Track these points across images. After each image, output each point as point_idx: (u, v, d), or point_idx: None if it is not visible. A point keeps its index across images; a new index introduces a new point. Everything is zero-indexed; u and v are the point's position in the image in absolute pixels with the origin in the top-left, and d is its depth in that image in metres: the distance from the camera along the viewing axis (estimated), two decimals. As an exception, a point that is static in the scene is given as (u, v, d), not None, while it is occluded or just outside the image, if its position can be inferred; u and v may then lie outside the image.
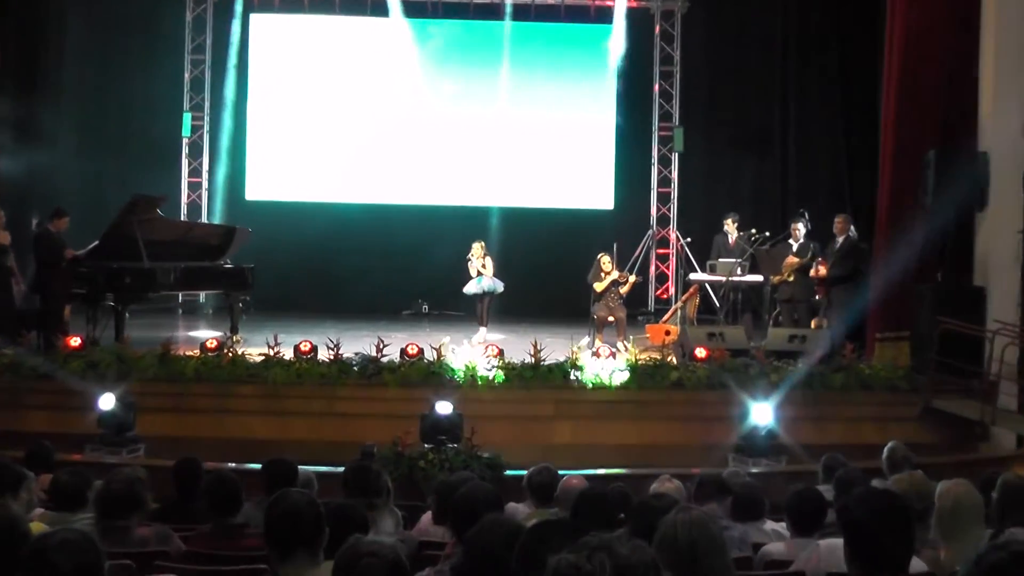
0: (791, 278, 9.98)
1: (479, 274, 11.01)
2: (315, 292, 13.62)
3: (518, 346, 8.80)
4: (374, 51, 14.03)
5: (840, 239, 9.71)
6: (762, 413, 7.32)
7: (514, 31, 13.95)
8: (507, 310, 12.15)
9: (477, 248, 11.13)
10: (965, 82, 8.92)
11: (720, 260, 10.73)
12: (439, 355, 8.18)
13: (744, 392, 7.72)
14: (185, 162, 14.36)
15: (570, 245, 13.40)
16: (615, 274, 10.53)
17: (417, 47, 13.84)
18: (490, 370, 7.86)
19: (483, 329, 10.90)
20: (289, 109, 14.19)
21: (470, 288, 11.04)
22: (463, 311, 12.22)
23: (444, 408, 6.90)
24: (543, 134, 14.11)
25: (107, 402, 7.16)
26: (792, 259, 10.00)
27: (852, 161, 12.82)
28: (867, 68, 11.69)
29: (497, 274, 11.24)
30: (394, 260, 13.53)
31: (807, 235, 10.15)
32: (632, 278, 10.69)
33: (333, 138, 14.13)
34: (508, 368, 8.08)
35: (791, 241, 10.16)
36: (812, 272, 9.74)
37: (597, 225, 13.48)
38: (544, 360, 8.16)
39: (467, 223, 12.73)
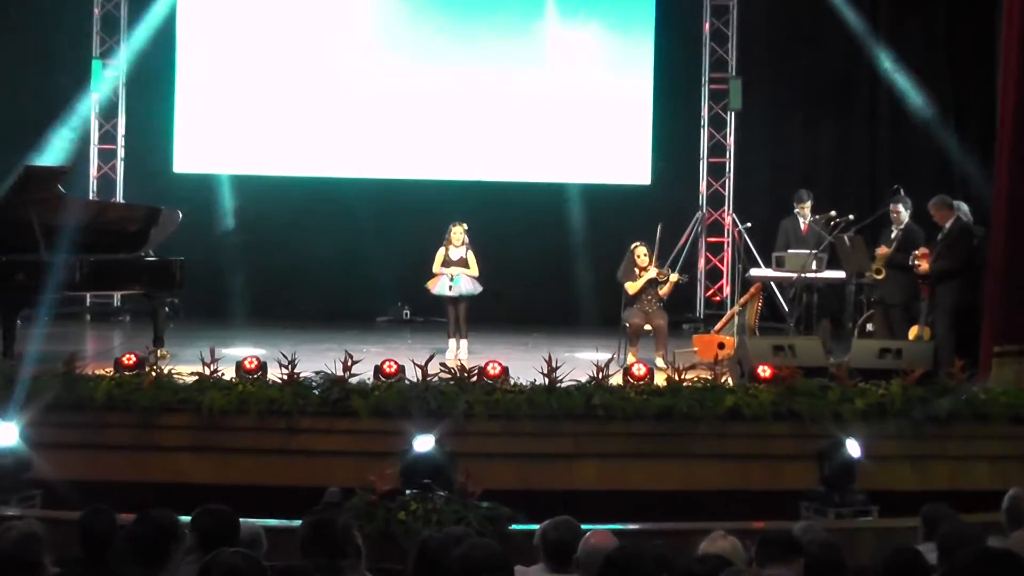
0: (882, 274, 9.99)
1: (454, 266, 10.84)
2: (264, 293, 13.70)
3: (527, 362, 8.80)
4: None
5: (947, 225, 9.71)
6: (844, 450, 7.31)
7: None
8: (512, 316, 12.22)
9: (458, 232, 10.94)
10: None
11: (790, 251, 10.77)
12: (424, 375, 8.12)
13: (821, 423, 7.72)
14: (95, 124, 14.43)
15: (594, 232, 13.55)
16: (653, 271, 10.54)
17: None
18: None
19: (458, 343, 10.89)
20: (232, 55, 14.26)
21: (442, 289, 10.90)
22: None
23: (425, 444, 6.89)
24: (555, 87, 14.21)
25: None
26: (885, 249, 10.02)
27: (961, 126, 12.84)
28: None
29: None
30: (367, 251, 13.62)
31: (913, 218, 10.14)
32: (675, 276, 10.73)
33: (288, 94, 14.23)
34: (515, 391, 8.11)
35: (892, 228, 10.15)
36: (914, 265, 9.69)
37: (629, 206, 13.56)
38: (561, 381, 8.17)
39: (459, 203, 12.78)
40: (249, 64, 14.21)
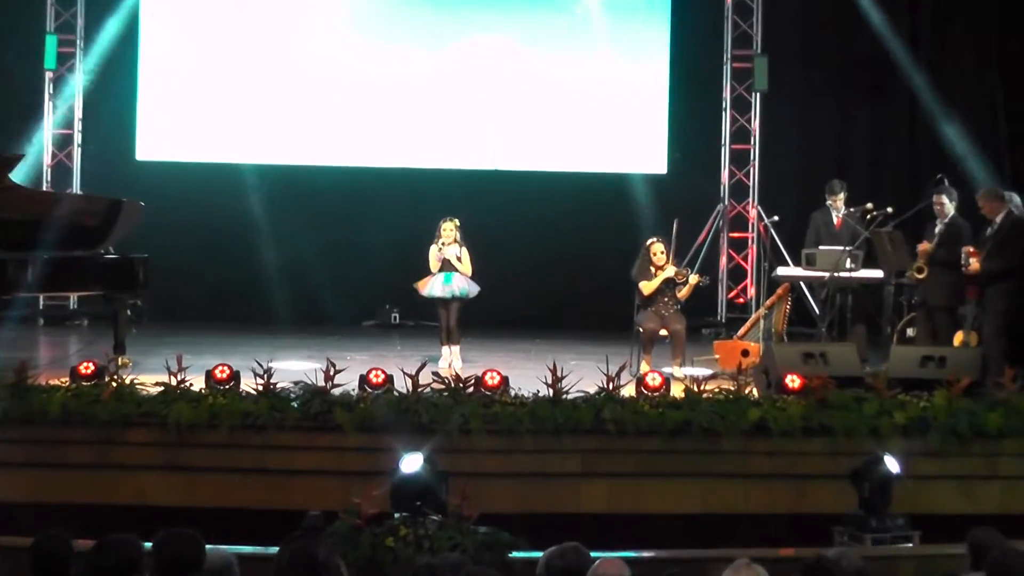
0: (924, 273, 9.98)
1: (444, 266, 10.80)
2: (236, 294, 13.73)
3: (530, 371, 8.77)
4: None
5: (998, 219, 9.70)
6: (882, 469, 7.27)
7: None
8: (513, 320, 12.19)
9: (449, 228, 10.88)
10: None
11: (821, 248, 10.74)
12: (415, 385, 8.11)
13: (856, 439, 7.71)
14: (48, 106, 14.43)
15: (604, 227, 13.59)
16: (670, 269, 10.53)
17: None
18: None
19: (450, 350, 10.86)
20: (201, 31, 14.30)
21: (432, 289, 10.86)
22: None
23: (416, 462, 6.87)
24: (561, 68, 14.25)
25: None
26: (927, 246, 10.01)
27: (1010, 109, 12.83)
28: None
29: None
30: (351, 247, 13.68)
31: (959, 211, 10.14)
32: (695, 277, 10.68)
33: (263, 75, 14.29)
34: (516, 403, 8.10)
35: (936, 222, 10.14)
36: (964, 264, 9.68)
37: (643, 197, 13.55)
38: (567, 392, 8.16)
39: (453, 194, 12.82)
40: (220, 41, 14.25)
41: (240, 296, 13.71)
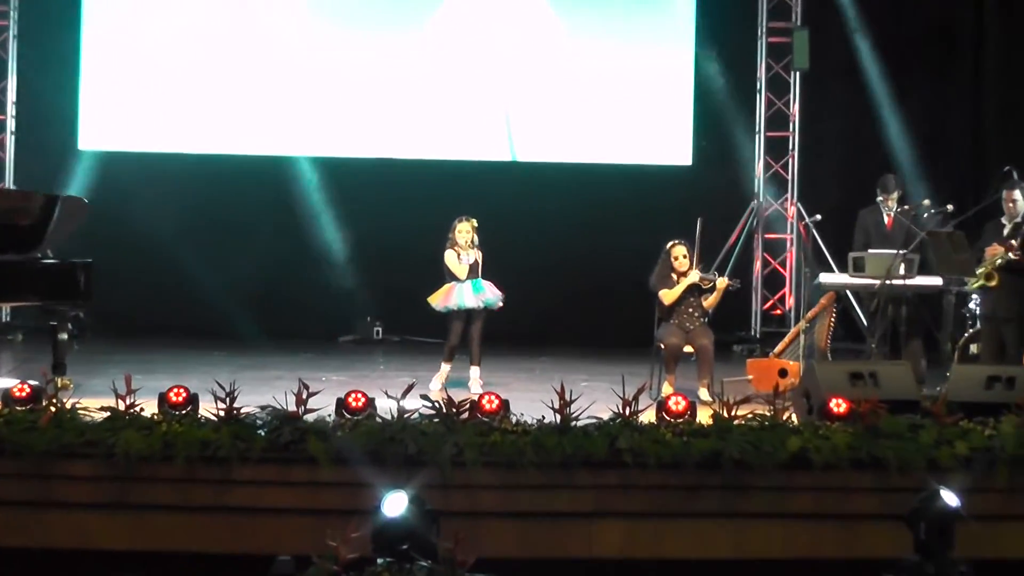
0: (994, 280, 9.96)
1: (470, 274, 10.80)
2: (195, 305, 13.70)
3: (534, 393, 8.82)
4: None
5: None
6: (941, 507, 7.23)
7: None
8: (515, 334, 12.31)
9: (466, 229, 10.85)
10: None
11: (871, 252, 10.74)
12: (401, 410, 8.08)
13: (912, 473, 7.68)
14: (-25, 88, 14.44)
15: (619, 227, 13.71)
16: (693, 275, 10.52)
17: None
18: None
19: (474, 372, 10.89)
20: (150, 5, 14.43)
21: (461, 299, 10.76)
22: (438, 335, 11.97)
23: (398, 502, 6.83)
24: (571, 44, 14.30)
25: None
26: (997, 248, 9.99)
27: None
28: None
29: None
30: (328, 250, 13.86)
31: None
32: (723, 280, 10.68)
33: (224, 53, 14.42)
34: (518, 432, 8.03)
35: (1004, 221, 10.14)
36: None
37: (665, 192, 13.72)
38: (577, 418, 8.09)
39: (448, 191, 12.77)
40: (172, 20, 14.40)
41: (199, 307, 13.66)
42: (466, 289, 10.78)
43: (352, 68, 14.39)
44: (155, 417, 8.11)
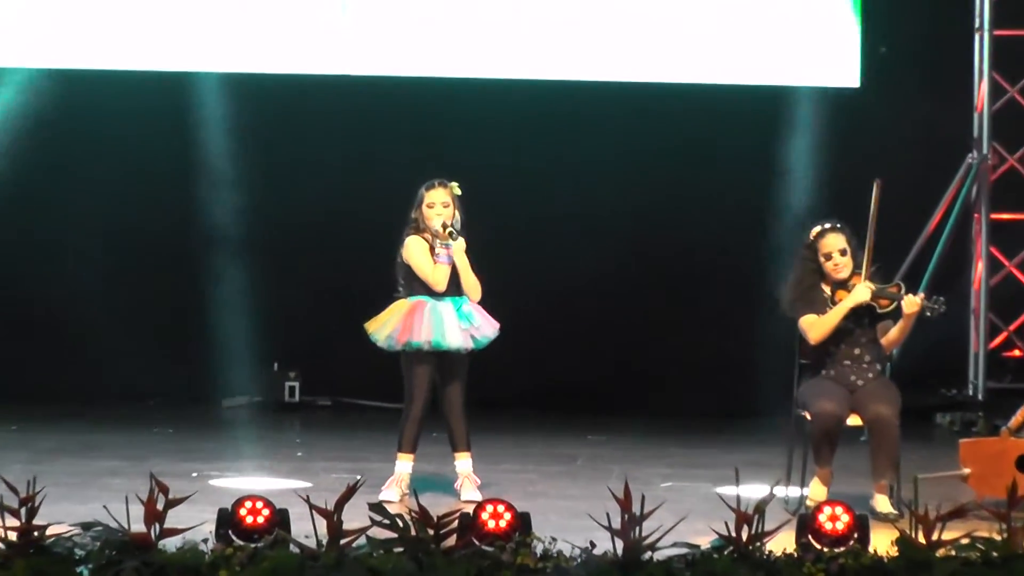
0: None
1: (449, 285, 8.23)
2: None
3: (574, 500, 7.67)
4: None
5: None
6: None
7: None
8: (537, 392, 10.48)
9: (441, 199, 8.28)
10: None
11: None
12: (336, 531, 6.28)
13: None
14: None
15: (730, 196, 11.21)
16: (863, 290, 8.10)
17: None
18: None
19: (467, 460, 8.44)
20: None
21: (434, 329, 8.21)
22: (396, 397, 9.69)
23: None
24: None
25: None
26: None
27: None
28: None
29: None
30: (206, 252, 11.54)
31: None
32: (914, 301, 8.13)
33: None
34: (548, 568, 6.28)
35: None
36: None
37: (812, 135, 11.22)
38: (655, 545, 6.27)
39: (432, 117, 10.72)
40: None
41: None
42: (444, 313, 8.21)
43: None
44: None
